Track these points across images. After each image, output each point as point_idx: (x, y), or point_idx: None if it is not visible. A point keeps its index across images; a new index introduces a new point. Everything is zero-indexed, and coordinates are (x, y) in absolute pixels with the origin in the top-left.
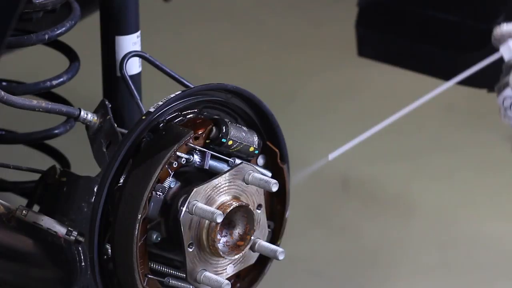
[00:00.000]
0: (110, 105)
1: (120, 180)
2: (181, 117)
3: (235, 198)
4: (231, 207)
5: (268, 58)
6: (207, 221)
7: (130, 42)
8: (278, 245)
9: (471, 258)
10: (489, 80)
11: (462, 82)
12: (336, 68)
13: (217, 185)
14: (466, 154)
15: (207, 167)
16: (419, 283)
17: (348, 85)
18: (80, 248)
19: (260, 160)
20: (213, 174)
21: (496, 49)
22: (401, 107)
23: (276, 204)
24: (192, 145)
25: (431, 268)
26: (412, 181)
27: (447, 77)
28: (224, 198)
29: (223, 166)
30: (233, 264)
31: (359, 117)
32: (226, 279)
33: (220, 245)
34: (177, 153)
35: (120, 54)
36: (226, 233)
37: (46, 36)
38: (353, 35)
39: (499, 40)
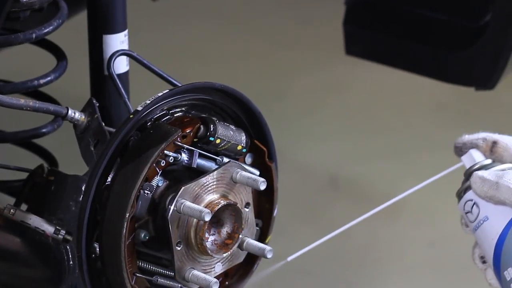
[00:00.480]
0: (97, 104)
1: (108, 179)
2: (169, 116)
3: (223, 196)
4: (219, 206)
5: (256, 57)
6: (195, 219)
7: (117, 41)
8: (266, 244)
9: (459, 257)
10: (477, 78)
11: (450, 81)
12: (324, 67)
13: (205, 184)
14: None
15: (195, 166)
16: (408, 281)
17: (336, 84)
18: (68, 247)
19: (248, 159)
20: (201, 172)
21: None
22: (388, 105)
23: (264, 203)
24: (179, 143)
25: (420, 266)
26: (401, 180)
27: (434, 76)
28: (212, 196)
29: (211, 165)
30: (222, 263)
31: (347, 115)
32: (215, 277)
33: (208, 244)
34: (165, 151)
35: (108, 53)
36: (214, 231)
37: (34, 35)
38: (341, 33)
39: (460, 149)
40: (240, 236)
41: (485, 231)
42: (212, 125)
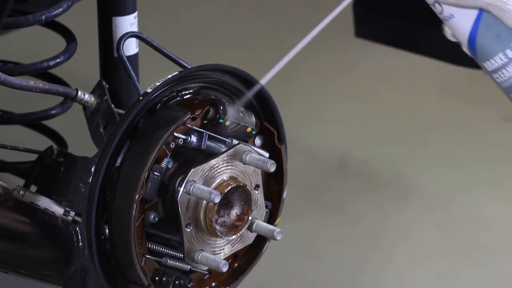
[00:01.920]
0: (107, 86)
1: (117, 160)
2: (179, 98)
3: (233, 178)
4: (229, 188)
5: (265, 39)
6: (204, 201)
7: (127, 23)
8: (275, 226)
9: (469, 240)
10: None
11: (459, 63)
12: (333, 49)
13: (215, 166)
14: (463, 135)
15: (204, 148)
16: (417, 264)
17: (345, 66)
18: (77, 229)
19: (258, 141)
20: (211, 154)
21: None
22: (397, 87)
23: (274, 185)
24: (189, 125)
25: (429, 249)
26: (410, 162)
27: (443, 58)
28: (221, 178)
29: (220, 147)
30: (231, 244)
31: (356, 98)
32: (224, 259)
33: (217, 225)
34: (175, 133)
35: (117, 35)
36: (224, 213)
37: (43, 17)
38: (350, 16)
39: None
40: (250, 218)
41: (454, 27)
42: (221, 107)
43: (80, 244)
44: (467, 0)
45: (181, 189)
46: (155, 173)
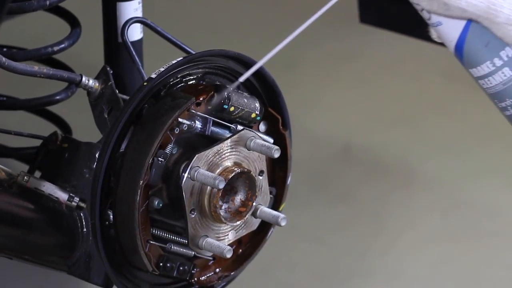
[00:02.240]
0: (111, 71)
1: (121, 146)
2: (183, 84)
3: (237, 164)
4: (233, 173)
5: (269, 25)
6: (209, 187)
7: (131, 8)
8: (280, 212)
9: (473, 226)
10: None
11: None
12: (337, 36)
13: (219, 151)
14: (467, 120)
15: (208, 133)
16: (421, 251)
17: (349, 52)
18: (81, 214)
19: (262, 127)
20: (215, 140)
21: None
22: (401, 73)
23: (278, 171)
24: (193, 111)
25: (433, 235)
26: (414, 147)
27: None
28: (226, 164)
29: (224, 133)
30: (235, 230)
31: (360, 84)
32: (228, 245)
33: (222, 211)
34: (179, 119)
35: (122, 20)
36: (228, 199)
37: (47, 2)
38: (355, 2)
39: None
40: (254, 203)
41: (441, 33)
42: (226, 93)
43: (84, 230)
44: (456, 11)
45: (185, 175)
46: (159, 158)
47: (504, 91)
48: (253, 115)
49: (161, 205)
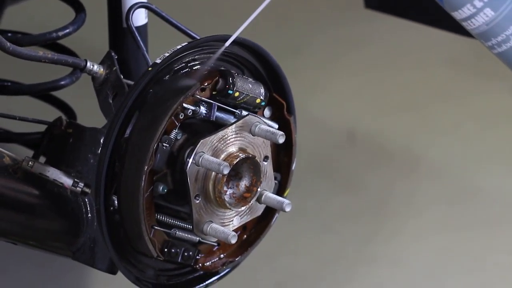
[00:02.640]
0: (116, 57)
1: (126, 131)
2: (188, 69)
3: (242, 149)
4: (238, 159)
5: (274, 11)
6: (213, 172)
7: None
8: (284, 197)
9: (478, 212)
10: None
11: (468, 35)
12: (342, 22)
13: (224, 137)
14: (472, 107)
15: (213, 119)
16: (425, 237)
17: (354, 38)
18: (86, 200)
19: (267, 112)
20: (220, 125)
21: None
22: (406, 59)
23: (283, 156)
24: (198, 96)
25: (438, 221)
26: (419, 134)
27: (453, 30)
28: (230, 149)
29: (229, 118)
30: (240, 216)
31: (365, 70)
32: (233, 230)
33: (226, 197)
34: (184, 104)
35: (126, 5)
36: (233, 184)
37: None
38: None
39: None
40: (259, 189)
41: None
42: (231, 78)
43: (89, 215)
44: None
45: (190, 160)
46: (164, 144)
47: (488, 31)
48: (258, 101)
49: (165, 190)
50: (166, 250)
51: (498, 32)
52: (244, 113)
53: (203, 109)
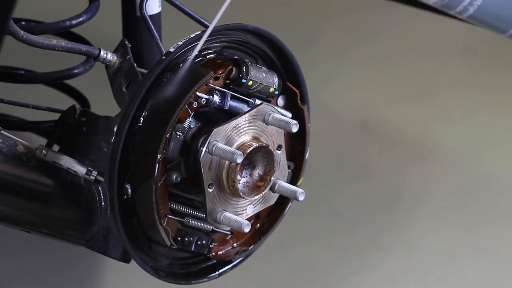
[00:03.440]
0: (129, 45)
1: (140, 120)
2: (201, 57)
3: (255, 138)
4: (251, 148)
5: (288, 0)
6: (227, 161)
7: None
8: (298, 186)
9: (490, 201)
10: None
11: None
12: (356, 11)
13: (237, 126)
14: (486, 96)
15: (227, 108)
16: (437, 226)
17: (367, 28)
18: (100, 188)
19: (280, 101)
20: (233, 114)
21: None
22: (419, 48)
23: (296, 145)
24: (212, 85)
25: (450, 210)
26: (432, 123)
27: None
28: (244, 138)
29: (243, 107)
30: (253, 205)
31: (378, 59)
32: (246, 219)
33: (240, 186)
34: (197, 93)
35: None
36: (246, 173)
37: None
38: None
39: None
40: (272, 178)
41: None
42: (244, 67)
43: (103, 203)
44: None
45: (204, 149)
46: (177, 133)
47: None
48: (271, 90)
49: (179, 179)
50: (179, 238)
51: None
52: (258, 102)
53: (216, 98)
